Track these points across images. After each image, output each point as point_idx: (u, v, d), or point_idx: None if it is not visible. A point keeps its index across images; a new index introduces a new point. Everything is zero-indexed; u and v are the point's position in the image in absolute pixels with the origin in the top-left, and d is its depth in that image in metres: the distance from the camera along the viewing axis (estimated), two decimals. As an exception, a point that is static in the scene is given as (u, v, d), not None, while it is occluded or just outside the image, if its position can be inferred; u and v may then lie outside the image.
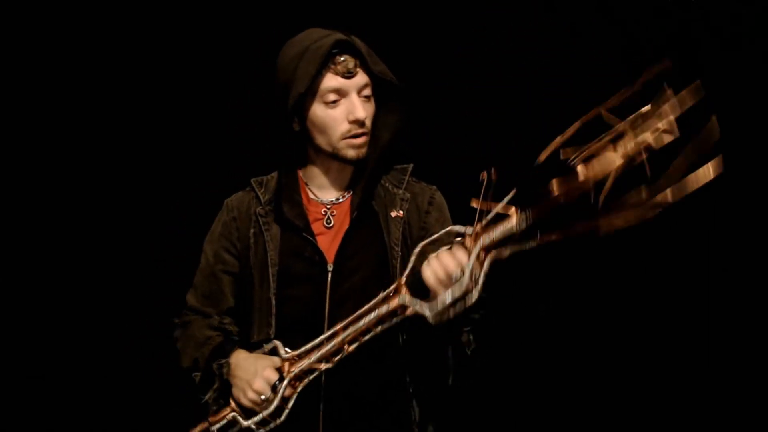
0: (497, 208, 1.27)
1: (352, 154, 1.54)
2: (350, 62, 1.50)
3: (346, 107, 1.52)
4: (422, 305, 1.35)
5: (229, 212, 1.66)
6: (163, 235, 2.07)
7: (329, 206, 1.63)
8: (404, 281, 1.40)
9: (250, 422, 1.49)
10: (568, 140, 1.17)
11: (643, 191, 1.12)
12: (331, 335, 1.45)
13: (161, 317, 1.80)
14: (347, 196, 1.64)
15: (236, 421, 1.52)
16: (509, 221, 1.25)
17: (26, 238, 2.35)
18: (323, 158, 1.60)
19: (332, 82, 1.50)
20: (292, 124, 1.57)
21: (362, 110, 1.51)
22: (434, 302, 1.33)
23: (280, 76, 1.54)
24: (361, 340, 1.43)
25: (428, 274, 1.33)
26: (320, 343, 1.46)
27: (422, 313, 1.34)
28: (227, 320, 1.67)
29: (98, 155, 2.36)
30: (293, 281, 1.59)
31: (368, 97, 1.55)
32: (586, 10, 2.21)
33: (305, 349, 1.48)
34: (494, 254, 1.28)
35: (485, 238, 1.28)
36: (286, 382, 1.46)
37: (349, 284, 1.56)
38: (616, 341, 2.28)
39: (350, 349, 1.43)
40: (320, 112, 1.52)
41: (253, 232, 1.63)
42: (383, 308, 1.40)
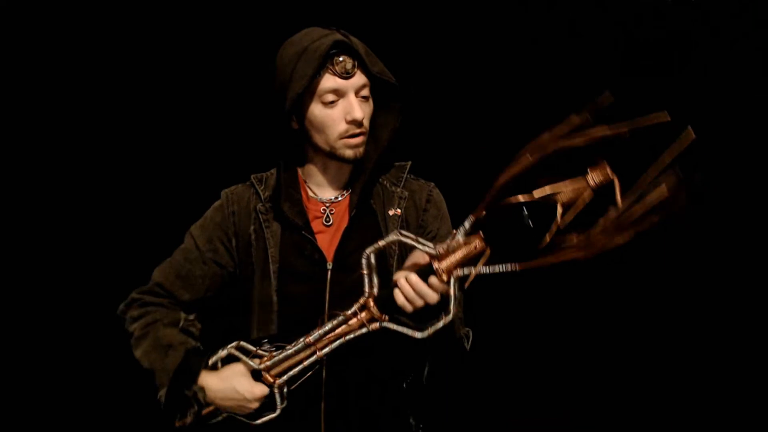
0: (460, 233, 1.32)
1: (349, 153, 1.55)
2: (348, 63, 1.51)
3: (343, 107, 1.52)
4: (407, 327, 1.40)
5: (228, 206, 1.65)
6: (161, 232, 2.06)
7: (328, 204, 1.64)
8: (373, 296, 1.43)
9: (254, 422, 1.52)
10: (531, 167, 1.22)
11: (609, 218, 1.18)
12: (303, 346, 1.48)
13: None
14: (346, 194, 1.65)
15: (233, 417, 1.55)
16: (473, 244, 1.31)
17: (16, 229, 2.37)
18: (321, 157, 1.61)
19: (330, 82, 1.51)
20: (290, 123, 1.58)
21: (360, 110, 1.51)
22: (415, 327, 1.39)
23: (278, 75, 1.54)
24: (331, 346, 1.46)
25: (401, 299, 1.37)
26: (294, 353, 1.49)
27: (408, 334, 1.40)
28: (192, 318, 1.66)
29: (94, 151, 2.37)
30: (293, 279, 1.59)
31: (366, 97, 1.55)
32: (584, 10, 2.21)
33: (279, 358, 1.50)
34: (460, 275, 1.33)
35: (452, 258, 1.33)
36: (277, 391, 1.50)
37: (348, 282, 1.57)
38: (614, 340, 2.29)
39: (322, 354, 1.46)
40: (318, 112, 1.53)
41: (253, 228, 1.63)
42: (353, 321, 1.45)
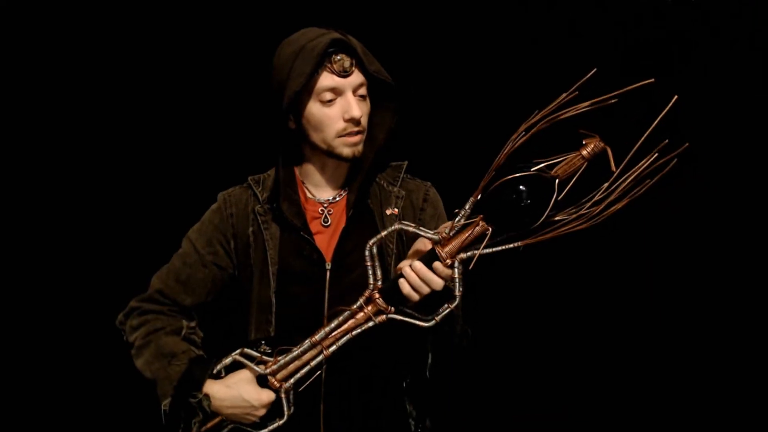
0: (462, 214, 1.34)
1: (347, 152, 1.55)
2: (346, 61, 1.51)
3: (341, 106, 1.52)
4: (414, 317, 1.41)
5: (226, 208, 1.65)
6: (157, 237, 2.06)
7: (326, 205, 1.64)
8: (378, 288, 1.43)
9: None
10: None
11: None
12: (310, 345, 1.47)
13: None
14: (343, 194, 1.65)
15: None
16: (476, 226, 1.33)
17: (10, 233, 2.37)
18: (319, 156, 1.61)
19: (328, 80, 1.51)
20: (287, 122, 1.58)
21: (358, 109, 1.51)
22: (423, 314, 1.40)
23: (275, 74, 1.54)
24: (338, 343, 1.46)
25: (407, 289, 1.38)
26: (300, 354, 1.48)
27: (416, 324, 1.40)
28: (194, 325, 1.65)
29: (91, 151, 2.36)
30: (292, 280, 1.59)
31: (364, 96, 1.55)
32: (584, 10, 2.21)
33: (285, 361, 1.49)
34: (464, 257, 1.34)
35: (455, 242, 1.34)
36: (284, 397, 1.49)
37: (347, 282, 1.57)
38: (614, 336, 2.29)
39: (329, 352, 1.46)
40: (316, 110, 1.53)
41: (251, 230, 1.62)
42: (359, 315, 1.44)
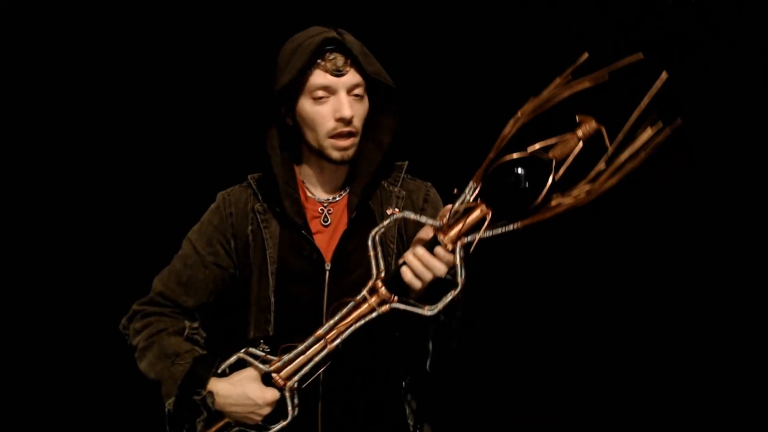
0: (460, 199, 1.33)
1: (336, 155, 1.53)
2: (339, 60, 1.50)
3: (333, 105, 1.51)
4: (417, 306, 1.38)
5: (225, 207, 1.64)
6: (155, 239, 2.07)
7: (326, 204, 1.63)
8: (381, 279, 1.41)
9: None
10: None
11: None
12: (314, 340, 1.46)
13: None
14: (344, 194, 1.64)
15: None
16: (476, 210, 1.32)
17: (6, 236, 2.38)
18: (316, 156, 1.60)
19: (320, 78, 1.50)
20: (285, 118, 1.58)
21: (349, 109, 1.50)
22: (426, 303, 1.38)
23: (276, 70, 1.55)
24: (342, 336, 1.44)
25: (409, 276, 1.35)
26: (304, 349, 1.47)
27: (421, 313, 1.37)
28: (197, 326, 1.65)
29: (90, 152, 2.39)
30: (292, 279, 1.59)
31: (360, 96, 1.54)
32: (584, 10, 2.21)
33: (289, 357, 1.48)
34: (465, 242, 1.33)
35: (456, 228, 1.33)
36: (288, 395, 1.48)
37: (346, 283, 1.56)
38: (612, 338, 2.30)
39: (333, 345, 1.44)
40: (308, 107, 1.52)
41: (251, 229, 1.62)
42: (363, 306, 1.42)
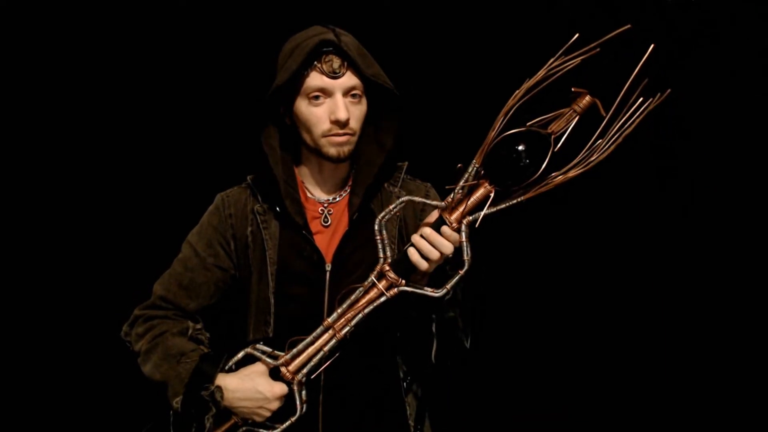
0: (464, 178, 1.36)
1: (332, 152, 1.54)
2: (336, 62, 1.50)
3: (329, 107, 1.51)
4: (425, 288, 1.41)
5: (225, 209, 1.64)
6: (157, 237, 2.07)
7: (326, 205, 1.63)
8: (388, 263, 1.43)
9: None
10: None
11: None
12: (323, 330, 1.46)
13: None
14: (344, 194, 1.64)
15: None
16: (480, 188, 1.36)
17: (12, 234, 2.39)
18: (315, 156, 1.60)
19: (317, 80, 1.50)
20: (283, 118, 1.58)
21: (344, 111, 1.50)
22: (431, 284, 1.41)
23: (275, 70, 1.55)
24: (351, 324, 1.45)
25: (416, 257, 1.38)
26: (313, 340, 1.47)
27: (428, 295, 1.40)
28: (200, 326, 1.64)
29: (90, 152, 2.39)
30: (292, 280, 1.59)
31: (358, 98, 1.54)
32: (584, 10, 2.21)
33: (298, 349, 1.48)
34: (470, 220, 1.36)
35: (461, 207, 1.37)
36: (296, 389, 1.48)
37: (347, 284, 1.55)
38: (612, 338, 2.29)
39: (342, 334, 1.45)
40: (304, 108, 1.53)
41: (250, 230, 1.62)
42: (372, 292, 1.44)
